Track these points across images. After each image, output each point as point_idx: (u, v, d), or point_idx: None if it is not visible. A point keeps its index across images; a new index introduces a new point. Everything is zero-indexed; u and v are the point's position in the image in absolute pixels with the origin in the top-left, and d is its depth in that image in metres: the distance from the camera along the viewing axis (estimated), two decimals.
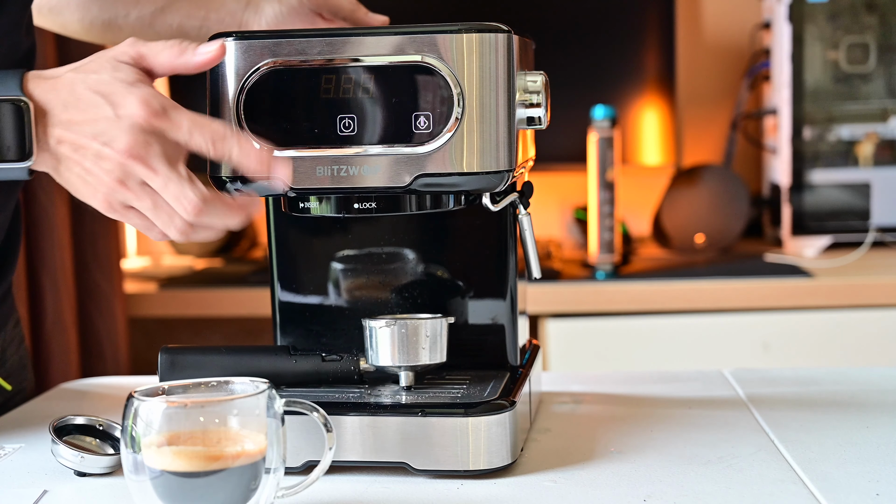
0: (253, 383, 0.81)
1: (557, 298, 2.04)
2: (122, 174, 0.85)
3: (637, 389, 1.21)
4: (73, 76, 0.86)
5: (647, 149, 2.39)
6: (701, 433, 1.03)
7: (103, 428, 0.98)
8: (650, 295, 2.05)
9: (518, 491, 0.89)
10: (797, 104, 2.25)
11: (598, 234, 2.11)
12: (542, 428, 1.05)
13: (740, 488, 0.88)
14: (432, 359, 0.97)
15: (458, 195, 0.94)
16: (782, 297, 2.03)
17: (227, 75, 0.91)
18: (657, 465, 0.94)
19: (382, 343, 0.97)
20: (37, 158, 0.87)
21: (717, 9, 2.53)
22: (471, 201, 0.96)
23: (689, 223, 2.28)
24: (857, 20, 2.24)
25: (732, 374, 1.24)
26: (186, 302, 2.14)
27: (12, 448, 1.02)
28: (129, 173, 0.84)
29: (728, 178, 2.29)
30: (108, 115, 0.84)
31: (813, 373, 1.28)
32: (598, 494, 0.87)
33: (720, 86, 2.53)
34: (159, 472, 0.76)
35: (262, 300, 2.04)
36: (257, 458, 0.78)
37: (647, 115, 2.37)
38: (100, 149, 0.84)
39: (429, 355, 0.97)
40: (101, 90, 0.84)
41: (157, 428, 0.77)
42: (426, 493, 0.89)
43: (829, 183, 2.27)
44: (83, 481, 0.93)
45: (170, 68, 0.88)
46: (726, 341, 2.04)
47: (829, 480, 0.89)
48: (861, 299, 2.03)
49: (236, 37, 0.91)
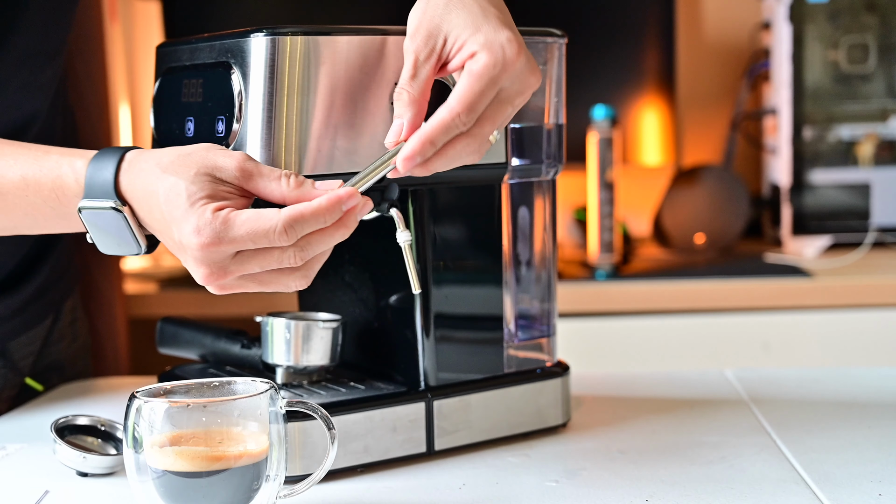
0: (255, 383, 0.81)
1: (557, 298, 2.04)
2: (215, 289, 0.83)
3: (638, 389, 1.20)
4: (158, 176, 0.81)
5: (647, 149, 2.38)
6: (703, 433, 1.03)
7: (105, 428, 0.98)
8: (650, 295, 2.05)
9: (519, 491, 0.89)
10: (797, 104, 2.25)
11: (598, 234, 2.11)
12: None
13: (742, 488, 0.88)
14: (309, 360, 0.99)
15: None
16: (782, 297, 2.03)
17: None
18: (659, 465, 0.94)
19: (265, 339, 1.00)
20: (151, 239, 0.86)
21: (717, 9, 2.53)
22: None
23: (689, 223, 2.28)
24: (857, 20, 2.24)
25: (734, 375, 1.24)
26: (187, 302, 2.14)
27: (14, 448, 1.02)
28: (220, 287, 0.82)
29: (728, 179, 2.29)
30: (175, 239, 0.81)
31: (814, 373, 1.28)
32: (599, 494, 0.87)
33: (720, 86, 2.53)
34: (161, 473, 0.76)
35: (262, 300, 2.04)
36: (259, 459, 0.78)
37: (647, 115, 2.37)
38: (185, 264, 0.82)
39: (306, 357, 0.99)
40: (170, 208, 0.80)
41: (159, 428, 0.77)
42: (427, 492, 0.89)
43: (829, 183, 2.27)
44: (85, 481, 0.93)
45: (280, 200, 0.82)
46: (726, 341, 2.04)
47: (831, 480, 0.89)
48: (861, 299, 2.03)
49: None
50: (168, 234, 0.82)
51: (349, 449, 0.93)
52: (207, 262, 0.80)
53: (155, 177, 0.82)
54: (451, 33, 0.84)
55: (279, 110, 0.86)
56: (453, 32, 0.84)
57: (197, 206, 0.79)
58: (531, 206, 1.04)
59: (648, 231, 2.43)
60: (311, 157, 0.87)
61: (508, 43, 0.83)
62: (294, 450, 0.90)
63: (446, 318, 0.99)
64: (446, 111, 0.82)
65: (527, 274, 1.05)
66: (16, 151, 0.89)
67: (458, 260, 0.99)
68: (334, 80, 0.88)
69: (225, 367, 1.07)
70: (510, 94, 0.85)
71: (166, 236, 0.83)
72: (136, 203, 0.83)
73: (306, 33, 0.87)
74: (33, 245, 1.18)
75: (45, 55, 1.12)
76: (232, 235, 0.79)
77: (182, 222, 0.80)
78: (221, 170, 0.81)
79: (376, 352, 1.04)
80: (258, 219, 0.79)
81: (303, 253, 0.81)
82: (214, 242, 0.79)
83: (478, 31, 0.83)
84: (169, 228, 0.81)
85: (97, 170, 0.84)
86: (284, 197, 0.82)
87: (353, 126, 0.89)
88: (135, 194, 0.83)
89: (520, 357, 1.04)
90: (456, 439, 0.98)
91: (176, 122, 0.95)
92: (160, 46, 1.00)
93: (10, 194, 0.88)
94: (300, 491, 0.84)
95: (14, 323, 1.16)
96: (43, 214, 0.88)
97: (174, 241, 0.81)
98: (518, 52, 0.83)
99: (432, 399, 0.97)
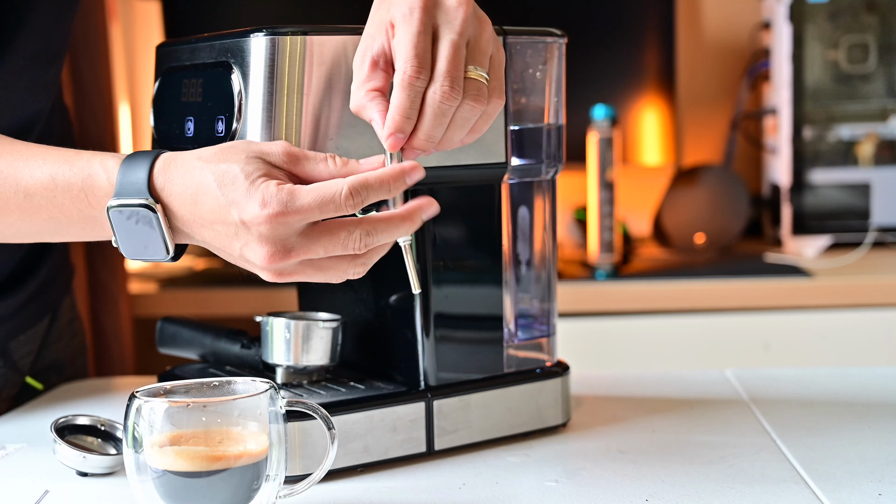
0: (255, 383, 0.81)
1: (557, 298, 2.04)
2: (273, 275, 0.82)
3: (638, 389, 1.20)
4: (203, 166, 0.81)
5: (647, 149, 2.38)
6: (703, 433, 1.03)
7: (105, 428, 0.98)
8: (650, 295, 2.05)
9: (519, 490, 0.89)
10: (797, 104, 2.25)
11: (599, 234, 2.11)
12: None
13: (742, 488, 0.88)
14: (309, 360, 0.99)
15: None
16: (782, 297, 2.03)
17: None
18: (659, 465, 0.94)
19: (265, 339, 1.00)
20: (178, 246, 0.85)
21: (717, 9, 2.53)
22: None
23: (689, 223, 2.28)
24: (857, 20, 2.24)
25: (734, 375, 1.24)
26: (187, 302, 2.14)
27: (14, 448, 1.02)
28: (278, 272, 0.81)
29: (728, 178, 2.29)
30: (235, 221, 0.79)
31: (814, 373, 1.28)
32: (599, 494, 0.87)
33: (720, 86, 2.53)
34: (161, 472, 0.76)
35: (261, 300, 2.04)
36: (259, 458, 0.78)
37: (647, 115, 2.37)
38: (242, 255, 0.81)
39: (306, 357, 0.99)
40: (227, 191, 0.80)
41: (159, 428, 0.77)
42: (427, 492, 0.89)
43: (829, 183, 2.27)
44: (85, 481, 0.93)
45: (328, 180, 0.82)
46: (726, 341, 2.04)
47: (831, 480, 0.89)
48: (861, 299, 2.03)
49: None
50: (223, 221, 0.80)
51: (349, 449, 0.93)
52: (273, 239, 0.79)
53: (199, 169, 0.81)
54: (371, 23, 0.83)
55: (279, 110, 0.86)
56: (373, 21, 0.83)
57: (258, 182, 0.79)
58: (531, 205, 1.04)
59: (648, 231, 2.43)
60: None
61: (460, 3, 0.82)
62: (294, 450, 0.90)
63: (446, 318, 0.99)
64: (399, 72, 0.82)
65: (527, 274, 1.05)
66: (44, 152, 0.88)
67: (458, 260, 0.99)
68: (334, 80, 0.88)
69: (225, 367, 1.07)
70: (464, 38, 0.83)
71: (220, 226, 0.80)
72: (174, 200, 0.82)
73: (306, 33, 0.87)
74: (32, 244, 1.18)
75: (50, 55, 1.12)
76: (299, 204, 0.78)
77: (244, 201, 0.79)
78: (269, 154, 0.81)
79: (376, 352, 1.04)
80: (323, 186, 0.79)
81: (368, 238, 0.80)
82: (282, 213, 0.78)
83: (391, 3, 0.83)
84: (226, 213, 0.79)
85: (130, 169, 0.83)
86: (333, 176, 0.82)
87: (352, 126, 0.89)
88: (173, 191, 0.82)
89: (520, 357, 1.04)
90: (456, 439, 0.99)
91: (176, 121, 0.95)
92: (160, 46, 1.00)
93: (38, 195, 0.87)
94: (300, 491, 0.84)
95: (14, 322, 1.17)
96: (68, 217, 0.87)
97: (233, 224, 0.79)
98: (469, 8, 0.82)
99: (432, 399, 0.97)
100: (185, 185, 0.81)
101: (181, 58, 0.96)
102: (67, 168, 0.86)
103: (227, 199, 0.79)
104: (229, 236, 0.80)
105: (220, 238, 0.81)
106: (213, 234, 0.81)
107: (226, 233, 0.80)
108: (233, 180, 0.79)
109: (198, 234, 0.83)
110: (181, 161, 0.82)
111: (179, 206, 0.82)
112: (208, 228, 0.81)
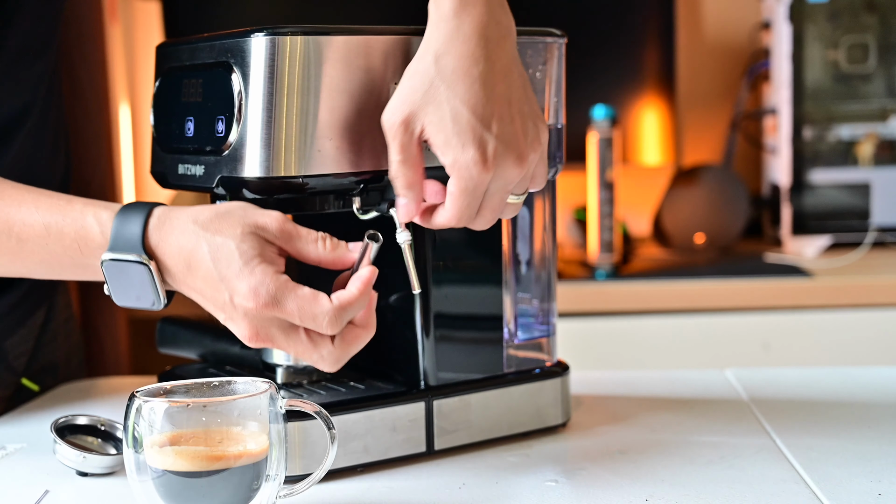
0: (255, 383, 0.81)
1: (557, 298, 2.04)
2: (254, 343, 0.84)
3: (638, 389, 1.20)
4: (198, 233, 0.83)
5: (647, 149, 2.38)
6: (703, 433, 1.03)
7: (105, 428, 0.98)
8: (650, 295, 2.05)
9: (519, 490, 0.89)
10: (797, 104, 2.25)
11: (598, 234, 2.11)
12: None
13: (742, 488, 0.88)
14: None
15: (317, 200, 0.92)
16: (782, 297, 2.03)
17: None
18: (659, 465, 0.94)
19: None
20: (169, 292, 0.87)
21: (717, 9, 2.53)
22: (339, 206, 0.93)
23: (689, 223, 2.28)
24: (857, 20, 2.24)
25: (734, 375, 1.24)
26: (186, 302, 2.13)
27: (14, 448, 1.02)
28: (260, 341, 0.84)
29: (728, 178, 2.29)
30: (224, 298, 0.82)
31: (814, 373, 1.28)
32: (599, 494, 0.87)
33: (720, 86, 2.53)
34: (161, 472, 0.76)
35: None
36: (259, 458, 0.78)
37: (647, 115, 2.37)
38: (227, 321, 0.84)
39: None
40: (220, 267, 0.82)
41: (158, 428, 0.77)
42: (427, 492, 0.89)
43: (829, 183, 2.27)
44: (85, 481, 0.93)
45: (315, 262, 0.86)
46: (726, 341, 2.04)
47: (831, 480, 0.89)
48: (861, 299, 2.03)
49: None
50: (213, 291, 0.83)
51: (349, 449, 0.93)
52: (256, 323, 0.82)
53: (194, 235, 0.83)
54: (426, 130, 0.85)
55: (279, 110, 0.86)
56: (427, 129, 0.85)
57: (252, 264, 0.81)
58: (531, 206, 1.04)
59: (648, 231, 2.43)
60: (311, 157, 0.87)
61: (475, 164, 0.83)
62: (294, 449, 0.90)
63: (446, 317, 0.99)
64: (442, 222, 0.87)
65: (527, 274, 1.05)
66: (37, 199, 0.89)
67: (457, 260, 0.99)
68: (334, 80, 0.88)
69: (225, 367, 1.07)
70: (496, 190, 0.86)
71: (209, 293, 0.83)
72: (168, 259, 0.84)
73: (306, 33, 0.87)
74: None
75: (37, 49, 1.12)
76: (283, 306, 0.81)
77: (236, 282, 0.81)
78: (265, 229, 0.83)
79: (376, 352, 1.04)
80: (311, 303, 0.82)
81: (345, 353, 0.85)
82: (270, 304, 0.81)
83: (447, 145, 0.84)
84: (216, 286, 0.82)
85: (124, 223, 0.85)
86: (320, 259, 0.85)
87: (352, 126, 0.89)
88: (167, 251, 0.84)
89: (519, 357, 1.04)
90: (456, 439, 0.99)
91: (176, 121, 0.95)
92: (160, 46, 1.00)
93: (31, 241, 0.88)
94: (300, 491, 0.84)
95: (9, 321, 1.16)
96: (60, 263, 0.89)
97: (221, 298, 0.82)
98: (485, 166, 0.84)
99: (432, 399, 0.97)
100: (180, 247, 0.83)
101: (181, 58, 0.96)
102: (60, 218, 0.88)
103: (220, 274, 0.82)
104: (217, 307, 0.84)
105: (208, 303, 0.84)
106: (202, 298, 0.85)
107: (214, 303, 0.84)
108: (227, 257, 0.82)
109: (188, 292, 0.85)
110: (176, 221, 0.84)
111: (173, 266, 0.84)
112: (197, 293, 0.84)
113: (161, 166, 0.98)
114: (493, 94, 0.84)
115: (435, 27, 0.84)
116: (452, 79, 0.83)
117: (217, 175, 0.89)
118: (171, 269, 0.84)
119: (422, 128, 0.84)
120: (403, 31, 0.90)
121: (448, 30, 0.84)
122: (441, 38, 0.84)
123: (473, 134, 0.83)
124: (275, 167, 0.86)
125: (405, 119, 0.84)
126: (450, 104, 0.83)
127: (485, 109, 0.84)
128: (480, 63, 0.84)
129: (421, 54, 0.85)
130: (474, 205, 0.86)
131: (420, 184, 0.86)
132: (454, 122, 0.83)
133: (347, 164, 0.89)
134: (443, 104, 0.83)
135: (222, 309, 0.83)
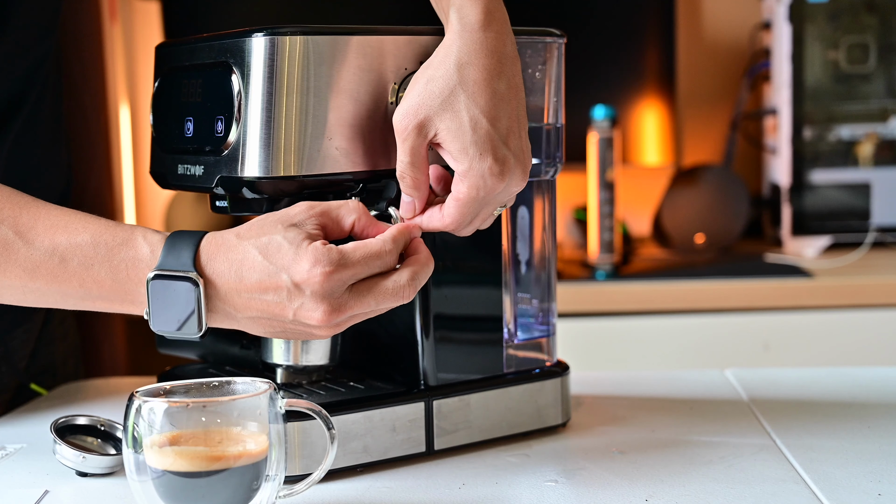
0: (254, 383, 0.81)
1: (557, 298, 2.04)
2: (329, 331, 0.84)
3: (638, 389, 1.20)
4: (243, 243, 0.83)
5: (647, 149, 2.39)
6: (703, 433, 1.03)
7: (105, 428, 0.98)
8: (650, 295, 2.05)
9: (519, 491, 0.89)
10: (797, 104, 2.25)
11: (598, 234, 2.11)
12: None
13: (742, 488, 0.88)
14: (309, 360, 0.99)
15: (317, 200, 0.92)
16: (782, 297, 2.03)
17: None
18: (659, 465, 0.94)
19: (265, 339, 0.99)
20: (209, 325, 0.86)
21: (717, 9, 2.53)
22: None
23: (689, 223, 2.28)
24: (857, 20, 2.24)
25: (734, 375, 1.24)
26: None
27: (14, 448, 1.02)
28: (337, 326, 0.84)
29: (728, 178, 2.29)
30: (287, 285, 0.81)
31: (814, 373, 1.28)
32: (599, 494, 0.87)
33: (720, 86, 2.53)
34: (161, 473, 0.76)
35: None
36: (259, 458, 0.78)
37: (647, 115, 2.37)
38: (296, 318, 0.83)
39: (305, 357, 0.99)
40: (274, 259, 0.82)
41: (158, 428, 0.77)
42: (426, 492, 0.89)
43: (829, 183, 2.27)
44: (85, 481, 0.93)
45: (350, 230, 0.86)
46: (726, 341, 2.04)
47: (830, 480, 0.89)
48: (861, 299, 2.03)
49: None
50: (275, 288, 0.82)
51: (349, 449, 0.93)
52: (328, 296, 0.81)
53: (241, 246, 0.83)
54: (440, 135, 0.86)
55: (279, 110, 0.86)
56: (441, 135, 0.85)
57: (304, 245, 0.82)
58: (531, 206, 1.04)
59: (648, 231, 2.43)
60: (311, 157, 0.87)
61: (491, 174, 0.85)
62: (294, 450, 0.90)
63: (446, 318, 0.99)
64: (439, 225, 0.88)
65: (526, 274, 1.05)
66: (84, 219, 0.88)
67: (457, 260, 0.99)
68: (334, 80, 0.88)
69: (225, 367, 1.07)
70: (497, 201, 0.89)
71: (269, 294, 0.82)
72: (218, 278, 0.83)
73: (306, 33, 0.87)
74: None
75: (30, 39, 1.12)
76: (350, 257, 0.82)
77: (295, 264, 0.81)
78: (298, 216, 0.84)
79: (376, 352, 1.04)
80: (367, 243, 0.83)
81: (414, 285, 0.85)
82: (336, 269, 0.81)
83: (464, 153, 0.85)
84: (276, 279, 0.82)
85: (175, 243, 0.84)
86: (355, 226, 0.86)
87: (352, 126, 0.89)
88: (216, 269, 0.83)
89: (519, 357, 1.04)
90: (455, 439, 0.99)
91: (175, 122, 0.95)
92: (160, 46, 1.00)
93: (74, 260, 0.86)
94: (300, 491, 0.84)
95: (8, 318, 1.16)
96: (99, 286, 0.86)
97: (284, 291, 0.82)
98: (501, 177, 0.86)
99: (432, 399, 0.97)
100: (229, 262, 0.83)
101: (181, 58, 0.96)
102: (109, 237, 0.86)
103: (276, 265, 0.82)
104: (281, 302, 0.82)
105: (271, 307, 0.83)
106: (261, 304, 0.83)
107: (277, 300, 0.82)
108: (278, 248, 0.82)
109: (241, 309, 0.84)
110: (222, 241, 0.84)
111: (223, 284, 0.83)
112: (256, 300, 0.83)
113: (161, 166, 0.98)
114: (508, 109, 0.86)
115: (458, 36, 0.85)
116: (475, 89, 0.85)
117: (216, 175, 0.89)
118: (221, 288, 0.83)
119: (435, 132, 0.85)
120: (403, 32, 0.90)
121: (474, 41, 0.85)
122: (465, 48, 0.85)
123: (492, 144, 0.85)
124: (274, 167, 0.86)
125: (420, 123, 0.85)
126: (469, 113, 0.85)
127: (502, 123, 0.86)
128: (500, 78, 0.86)
129: (440, 60, 0.85)
130: (476, 213, 0.87)
131: (426, 185, 0.88)
132: (473, 132, 0.85)
133: (347, 164, 0.89)
134: (461, 112, 0.85)
135: (288, 300, 0.82)
